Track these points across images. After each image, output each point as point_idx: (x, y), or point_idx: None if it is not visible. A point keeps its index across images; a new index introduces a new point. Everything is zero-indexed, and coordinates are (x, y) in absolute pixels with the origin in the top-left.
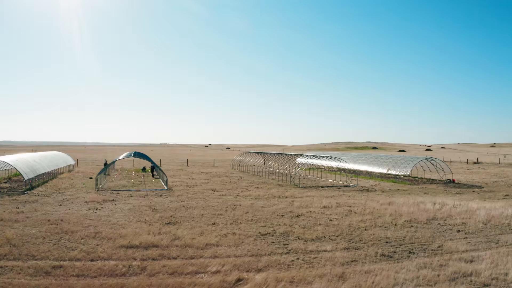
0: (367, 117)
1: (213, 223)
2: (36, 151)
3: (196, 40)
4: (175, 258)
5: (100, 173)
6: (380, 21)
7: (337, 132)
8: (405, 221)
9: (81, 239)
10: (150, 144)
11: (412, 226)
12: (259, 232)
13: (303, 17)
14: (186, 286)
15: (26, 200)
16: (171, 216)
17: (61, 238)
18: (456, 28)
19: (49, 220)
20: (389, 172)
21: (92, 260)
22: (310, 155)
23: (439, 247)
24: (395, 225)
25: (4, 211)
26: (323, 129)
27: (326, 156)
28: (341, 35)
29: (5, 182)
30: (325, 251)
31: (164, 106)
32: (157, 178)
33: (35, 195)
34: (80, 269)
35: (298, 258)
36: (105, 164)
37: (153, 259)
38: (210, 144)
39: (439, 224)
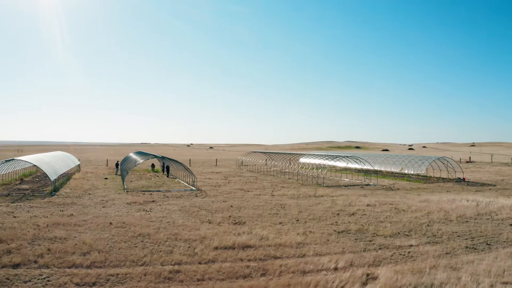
0: (346, 116)
1: (280, 223)
2: (22, 151)
3: (178, 40)
4: (287, 257)
5: (122, 174)
6: (360, 20)
7: (315, 132)
8: (456, 217)
9: (165, 241)
10: (131, 143)
11: (466, 221)
12: (334, 230)
13: (283, 15)
14: (324, 283)
15: (63, 202)
16: (230, 216)
17: (142, 241)
18: (436, 27)
19: (111, 223)
20: (402, 171)
21: (200, 263)
22: (313, 154)
23: (508, 238)
24: (451, 220)
25: (51, 214)
26: (302, 129)
27: (336, 156)
28: (321, 34)
29: (19, 183)
30: (411, 245)
31: (144, 105)
32: (174, 178)
33: (65, 197)
34: (199, 273)
35: (395, 253)
36: (117, 165)
37: (262, 260)
38: (191, 144)
39: (488, 219)
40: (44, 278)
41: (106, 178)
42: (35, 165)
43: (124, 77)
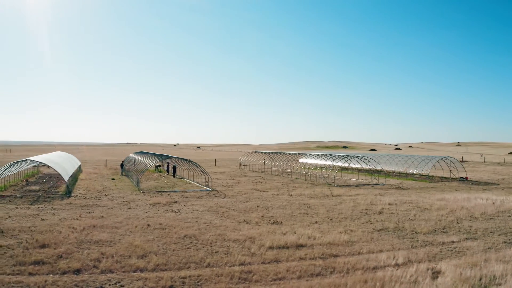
0: (330, 117)
1: (316, 222)
2: (10, 151)
3: (161, 40)
4: (344, 255)
5: (127, 174)
6: (344, 18)
7: (300, 132)
8: (479, 214)
9: (215, 242)
10: (117, 143)
11: (491, 218)
12: (373, 229)
13: (265, 14)
14: (397, 278)
15: (84, 204)
16: (262, 216)
17: (191, 242)
18: (421, 26)
19: (149, 225)
20: (407, 171)
21: (263, 263)
22: (312, 154)
23: None
24: (476, 218)
25: (79, 216)
26: (287, 129)
27: (345, 156)
28: (304, 33)
29: (26, 185)
30: (453, 242)
31: (128, 105)
32: (181, 178)
33: (82, 198)
34: (271, 273)
35: (442, 249)
36: (122, 165)
37: (322, 258)
38: (178, 144)
39: (510, 216)
40: (116, 284)
41: (113, 179)
42: (36, 166)
43: (108, 77)
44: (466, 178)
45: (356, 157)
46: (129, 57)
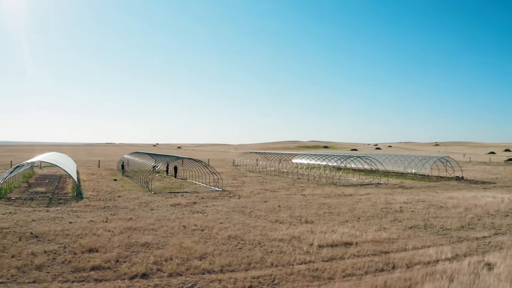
0: (308, 117)
1: (346, 221)
2: None
3: (138, 39)
4: (393, 252)
5: (126, 174)
6: (322, 17)
7: (279, 132)
8: (494, 211)
9: (263, 242)
10: (96, 143)
11: (507, 215)
12: (405, 226)
13: (243, 13)
14: (457, 270)
15: (103, 205)
16: (290, 215)
17: (239, 243)
18: (399, 25)
19: (184, 226)
20: (406, 170)
21: (323, 261)
22: (307, 154)
23: None
24: (492, 214)
25: (107, 218)
26: (265, 129)
27: (349, 156)
28: (283, 32)
29: (29, 186)
30: (485, 237)
31: (105, 105)
32: (183, 179)
33: (97, 200)
34: (338, 269)
35: (479, 244)
36: (122, 166)
37: (375, 255)
38: (157, 144)
39: None
40: (192, 287)
41: (115, 180)
42: (30, 167)
43: (85, 78)
44: (462, 177)
45: (359, 157)
46: (105, 58)
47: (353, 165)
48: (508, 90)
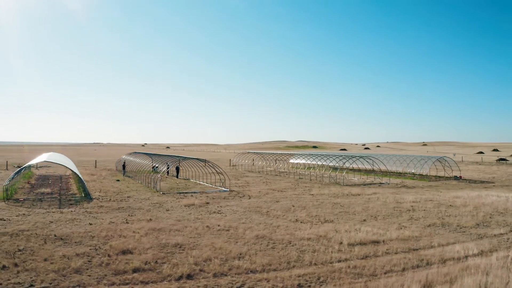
0: (295, 116)
1: (364, 220)
2: None
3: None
4: (421, 249)
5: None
6: (307, 17)
7: (267, 132)
8: (503, 209)
9: (293, 241)
10: (84, 143)
11: None
12: (423, 224)
13: (232, 12)
14: (488, 265)
15: (117, 206)
16: (307, 215)
17: (269, 243)
18: (385, 25)
19: (208, 227)
20: (406, 170)
21: (358, 258)
22: (303, 154)
23: None
24: (502, 213)
25: (126, 220)
26: (252, 129)
27: (353, 156)
28: (269, 31)
29: (32, 187)
30: (501, 234)
31: (93, 105)
32: (186, 179)
33: (107, 200)
34: (377, 267)
35: (500, 240)
36: (123, 166)
37: (405, 252)
38: (146, 144)
39: None
40: (241, 287)
41: (118, 180)
42: (28, 167)
43: (72, 78)
44: (460, 177)
45: (362, 157)
46: (91, 58)
47: (351, 165)
48: (494, 90)
